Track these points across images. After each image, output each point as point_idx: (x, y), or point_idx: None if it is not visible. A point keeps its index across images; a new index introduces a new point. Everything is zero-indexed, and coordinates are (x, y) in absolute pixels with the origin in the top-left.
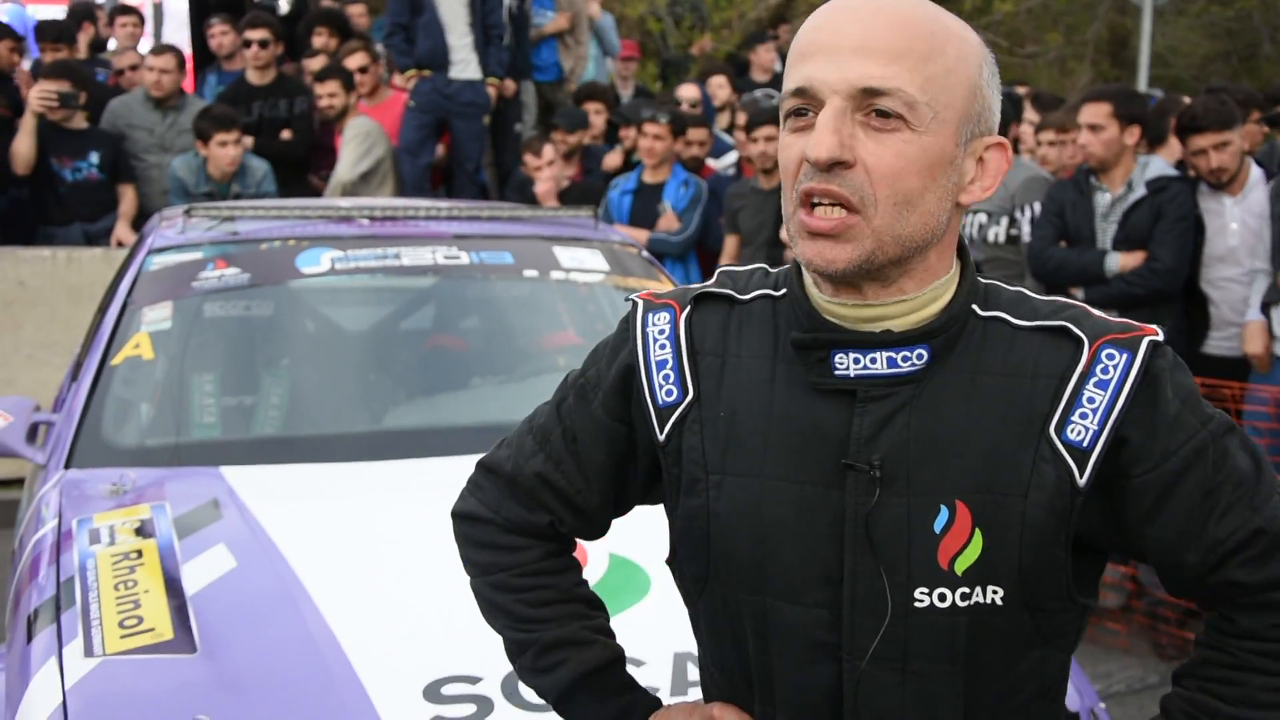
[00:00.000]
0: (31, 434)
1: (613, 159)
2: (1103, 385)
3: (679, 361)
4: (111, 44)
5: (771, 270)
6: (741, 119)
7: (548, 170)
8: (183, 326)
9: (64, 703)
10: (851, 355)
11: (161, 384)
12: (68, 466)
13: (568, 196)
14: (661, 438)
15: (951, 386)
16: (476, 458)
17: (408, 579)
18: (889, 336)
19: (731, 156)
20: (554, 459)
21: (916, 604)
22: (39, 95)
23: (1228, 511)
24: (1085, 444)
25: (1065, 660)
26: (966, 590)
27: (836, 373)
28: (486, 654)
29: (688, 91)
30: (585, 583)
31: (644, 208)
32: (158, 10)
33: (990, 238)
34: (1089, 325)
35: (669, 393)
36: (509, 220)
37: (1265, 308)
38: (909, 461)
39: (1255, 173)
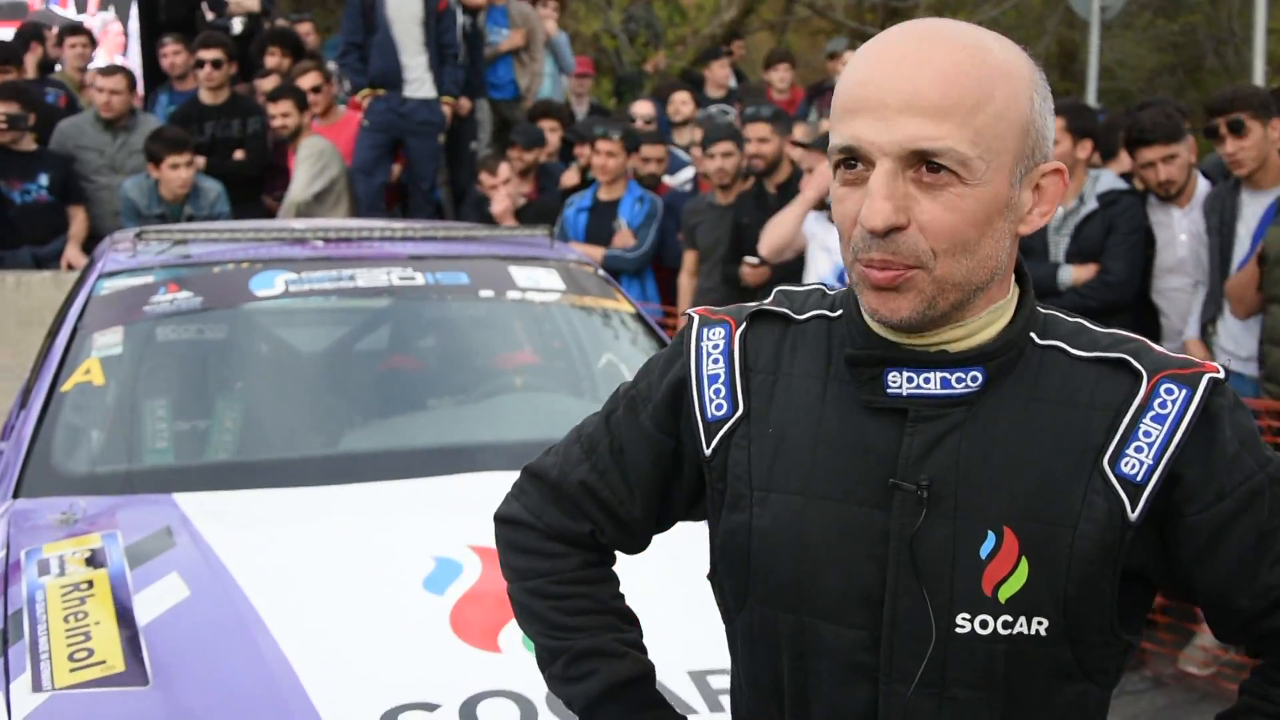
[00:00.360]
0: None
1: (569, 177)
2: (1160, 420)
3: (731, 377)
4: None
5: (829, 292)
6: (698, 135)
7: (504, 189)
8: (134, 351)
9: None
10: (905, 374)
11: (113, 410)
12: (16, 496)
13: (524, 215)
14: (708, 452)
15: (1005, 412)
16: (435, 480)
17: (364, 606)
18: (944, 356)
19: (688, 172)
20: (599, 469)
21: (957, 630)
22: None
23: None
24: (1139, 478)
25: (1105, 698)
26: (1009, 619)
27: (889, 391)
28: (444, 681)
29: (642, 108)
30: (622, 596)
31: (599, 225)
32: (124, 25)
33: None
34: (1149, 359)
35: (719, 407)
36: (464, 240)
37: (1207, 323)
38: (957, 484)
39: (1202, 184)
